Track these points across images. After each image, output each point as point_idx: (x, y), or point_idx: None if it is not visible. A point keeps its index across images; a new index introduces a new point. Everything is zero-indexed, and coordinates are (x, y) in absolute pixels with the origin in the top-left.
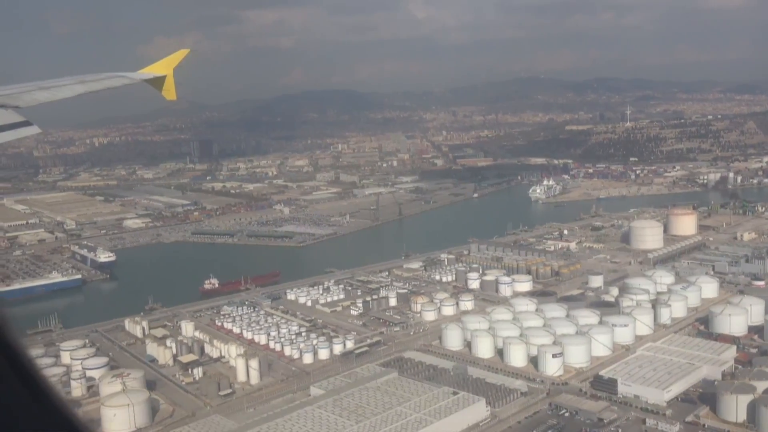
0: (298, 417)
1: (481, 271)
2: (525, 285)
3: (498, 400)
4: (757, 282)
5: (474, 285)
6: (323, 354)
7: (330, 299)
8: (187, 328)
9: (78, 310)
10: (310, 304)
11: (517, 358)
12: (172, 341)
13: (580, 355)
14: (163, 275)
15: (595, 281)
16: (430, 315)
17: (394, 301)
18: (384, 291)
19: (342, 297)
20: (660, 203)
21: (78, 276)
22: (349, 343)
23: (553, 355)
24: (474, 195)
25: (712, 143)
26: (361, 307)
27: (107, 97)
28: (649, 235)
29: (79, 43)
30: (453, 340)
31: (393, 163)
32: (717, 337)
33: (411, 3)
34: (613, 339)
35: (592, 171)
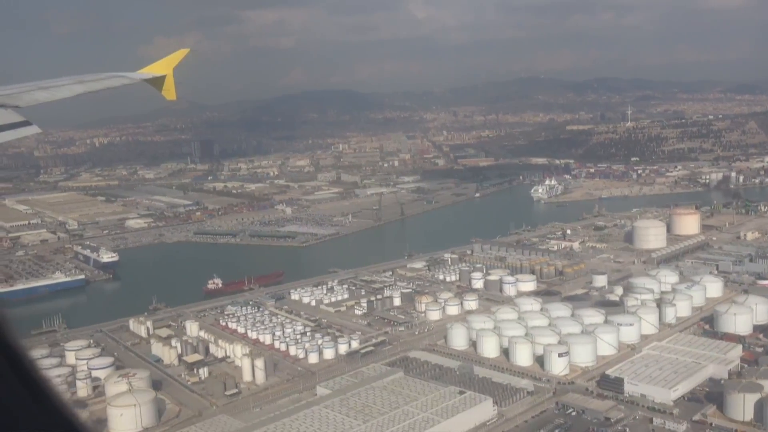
0: (305, 417)
1: (484, 271)
2: (529, 285)
3: (504, 400)
4: (762, 281)
5: (478, 285)
6: (328, 354)
7: (334, 299)
8: (192, 328)
9: (82, 311)
10: (314, 303)
11: (522, 357)
12: (177, 341)
13: (585, 354)
14: (167, 275)
15: (599, 281)
16: (435, 315)
17: (398, 300)
18: (388, 291)
19: (346, 297)
20: (662, 203)
21: (81, 276)
22: (355, 343)
23: (559, 355)
24: (476, 195)
25: (714, 143)
26: (365, 307)
27: (107, 97)
28: (653, 235)
29: (79, 43)
30: (458, 339)
31: (394, 163)
32: (722, 336)
33: (411, 3)
34: (619, 338)
35: (593, 171)
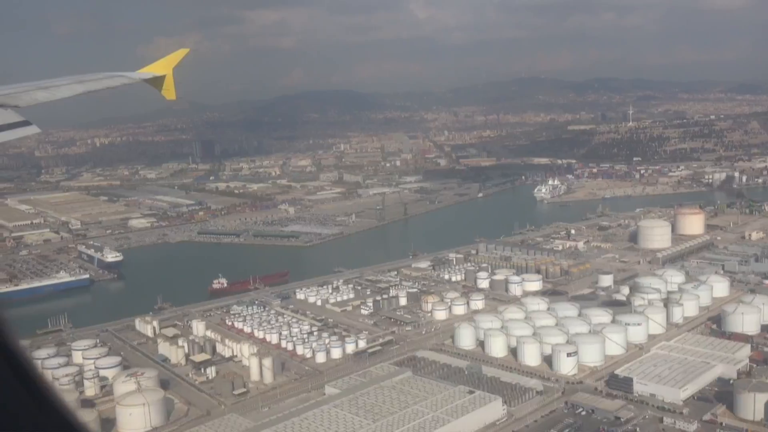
0: (314, 416)
1: (490, 271)
2: (535, 284)
3: (513, 399)
4: None
5: (484, 284)
6: (336, 353)
7: (340, 299)
8: (198, 328)
9: (87, 310)
10: (320, 303)
11: (530, 357)
12: (184, 341)
13: (594, 354)
14: (171, 275)
15: (605, 280)
16: (441, 314)
17: (404, 300)
18: (394, 290)
19: (352, 296)
20: (665, 203)
21: (86, 276)
22: (362, 343)
23: (568, 354)
24: (479, 195)
25: (716, 143)
26: (371, 307)
27: (108, 97)
28: (658, 235)
29: (79, 43)
30: (465, 339)
31: (396, 163)
32: (730, 335)
33: (412, 3)
34: (627, 338)
35: (596, 171)
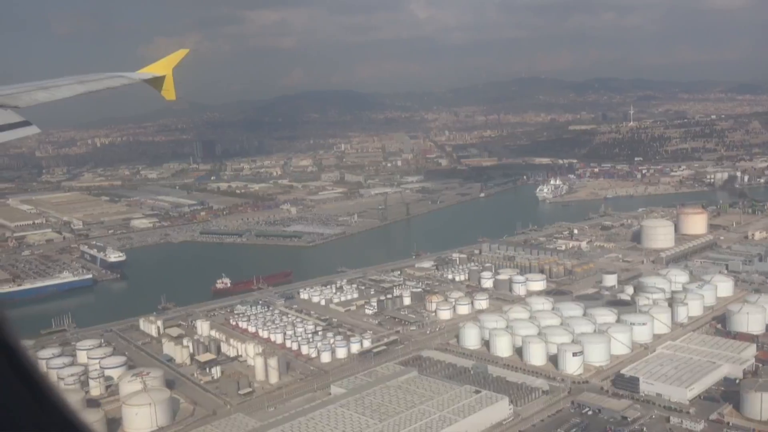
0: (320, 416)
1: (494, 270)
2: (539, 284)
3: (520, 399)
4: None
5: (488, 284)
6: (341, 353)
7: (344, 298)
8: (203, 327)
9: (90, 310)
10: (323, 303)
11: (536, 356)
12: (189, 340)
13: (599, 353)
14: (174, 275)
15: (609, 280)
16: (446, 314)
17: (408, 300)
18: (397, 290)
19: (356, 296)
20: (668, 203)
21: (89, 276)
22: (367, 342)
23: (574, 354)
24: (481, 195)
25: (717, 143)
26: (375, 306)
27: (108, 97)
28: (661, 234)
29: (79, 44)
30: (470, 338)
31: (397, 163)
32: (735, 335)
33: (412, 3)
34: (632, 338)
35: (597, 171)
